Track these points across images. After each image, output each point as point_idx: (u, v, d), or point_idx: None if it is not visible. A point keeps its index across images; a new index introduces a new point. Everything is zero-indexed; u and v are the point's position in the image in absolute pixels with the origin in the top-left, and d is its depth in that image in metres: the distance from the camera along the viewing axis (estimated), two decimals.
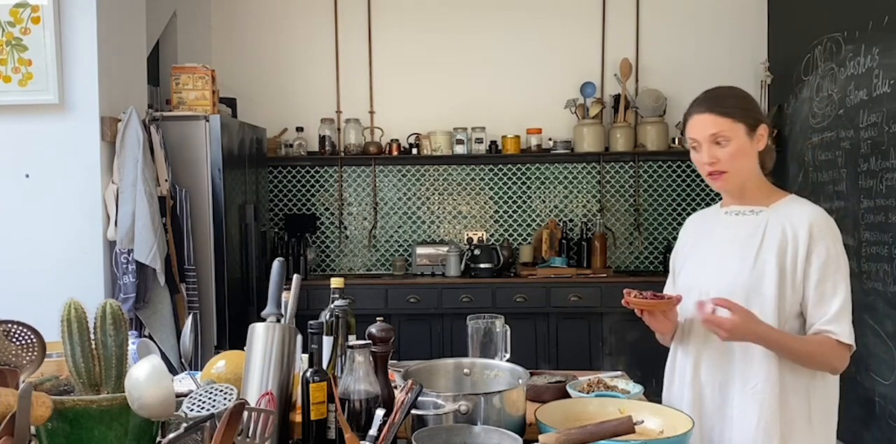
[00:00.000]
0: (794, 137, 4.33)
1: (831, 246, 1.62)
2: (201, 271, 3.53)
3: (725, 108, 1.67)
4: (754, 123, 1.67)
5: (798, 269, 1.63)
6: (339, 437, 1.45)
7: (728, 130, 1.65)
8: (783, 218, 1.67)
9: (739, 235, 1.71)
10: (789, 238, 1.64)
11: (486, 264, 4.47)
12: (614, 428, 1.28)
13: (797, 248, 1.63)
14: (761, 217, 1.70)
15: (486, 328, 1.99)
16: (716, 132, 1.65)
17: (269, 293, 1.57)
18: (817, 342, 1.62)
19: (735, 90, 1.76)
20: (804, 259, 1.63)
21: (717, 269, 1.72)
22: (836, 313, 1.61)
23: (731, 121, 1.65)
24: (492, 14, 4.81)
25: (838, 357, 1.62)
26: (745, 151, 1.67)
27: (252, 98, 4.76)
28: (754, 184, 1.73)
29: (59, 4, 3.14)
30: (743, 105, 1.69)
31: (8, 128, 3.19)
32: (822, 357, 1.63)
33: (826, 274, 1.62)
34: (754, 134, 1.67)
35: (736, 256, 1.70)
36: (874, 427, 3.44)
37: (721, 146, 1.66)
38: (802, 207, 1.69)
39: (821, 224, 1.64)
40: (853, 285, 3.70)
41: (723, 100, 1.70)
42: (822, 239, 1.62)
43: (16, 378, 1.42)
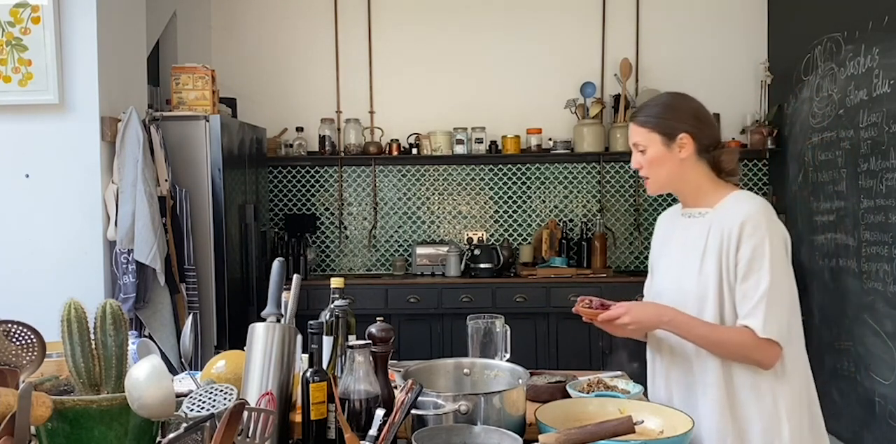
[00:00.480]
0: (794, 137, 4.33)
1: (759, 243, 1.61)
2: (201, 271, 3.53)
3: (643, 117, 1.73)
4: (671, 133, 1.70)
5: (731, 271, 1.65)
6: (339, 437, 1.45)
7: (643, 139, 1.72)
8: (723, 218, 1.68)
9: (690, 239, 1.74)
10: (725, 239, 1.65)
11: (486, 264, 4.47)
12: (614, 428, 1.28)
13: (730, 248, 1.64)
14: (706, 219, 1.72)
15: (486, 328, 1.99)
16: (636, 142, 1.74)
17: (269, 293, 1.57)
18: (731, 332, 1.63)
19: (663, 98, 1.81)
20: (734, 259, 1.64)
21: (675, 275, 1.76)
22: (752, 307, 1.61)
23: (647, 131, 1.72)
24: (492, 14, 4.81)
25: (758, 351, 1.60)
26: (663, 160, 1.71)
27: (252, 98, 4.76)
28: (692, 188, 1.75)
29: (59, 4, 3.14)
30: (661, 115, 1.72)
31: (8, 128, 3.19)
32: (736, 348, 1.62)
33: (751, 270, 1.62)
34: (672, 143, 1.70)
35: (687, 261, 1.73)
36: (874, 427, 3.44)
37: (642, 153, 1.73)
38: (740, 206, 1.68)
39: (753, 221, 1.62)
40: (853, 284, 3.71)
41: (644, 110, 1.75)
42: (751, 236, 1.62)
43: (16, 378, 1.42)
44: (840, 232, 3.75)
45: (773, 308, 1.59)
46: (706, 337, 1.64)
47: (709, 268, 1.67)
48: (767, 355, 1.61)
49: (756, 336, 1.60)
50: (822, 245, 3.97)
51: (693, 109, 1.75)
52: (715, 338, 1.64)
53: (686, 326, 1.65)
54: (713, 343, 1.64)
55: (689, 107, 1.75)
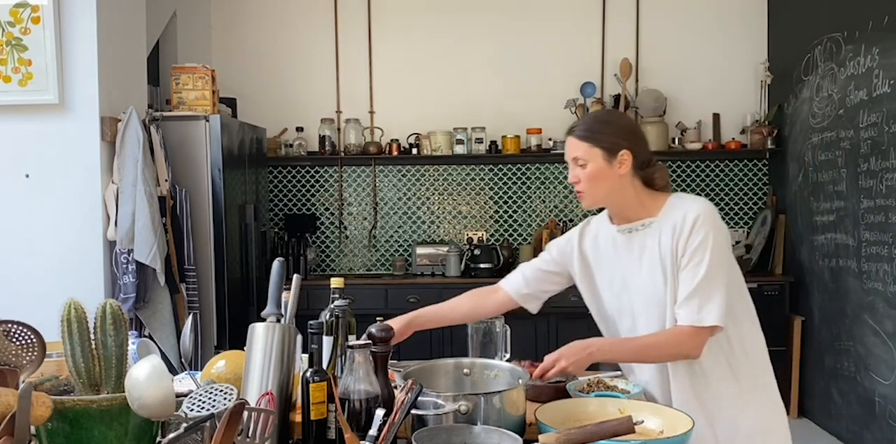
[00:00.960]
0: (794, 137, 4.33)
1: (705, 237, 1.65)
2: (201, 271, 3.53)
3: (586, 132, 1.73)
4: (613, 149, 1.71)
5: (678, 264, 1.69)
6: (339, 437, 1.45)
7: (585, 154, 1.71)
8: (671, 219, 1.71)
9: (642, 252, 1.75)
10: (676, 235, 1.69)
11: (486, 264, 4.47)
12: (614, 428, 1.28)
13: (679, 241, 1.68)
14: (653, 228, 1.74)
15: (486, 328, 1.99)
16: (576, 156, 1.73)
17: (269, 293, 1.57)
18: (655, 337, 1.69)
19: (607, 114, 1.85)
20: (682, 250, 1.68)
21: (642, 292, 1.76)
22: (686, 298, 1.65)
23: (589, 146, 1.71)
24: (492, 14, 4.81)
25: (681, 343, 1.65)
26: (603, 175, 1.71)
27: (252, 98, 4.76)
28: (630, 203, 1.76)
29: (59, 4, 3.14)
30: (604, 130, 1.72)
31: (8, 128, 3.19)
32: (666, 350, 1.67)
33: (690, 262, 1.66)
34: (614, 159, 1.71)
35: (647, 274, 1.74)
36: (874, 427, 3.44)
37: (581, 168, 1.73)
38: (686, 205, 1.71)
39: (702, 217, 1.66)
40: (853, 284, 3.72)
41: (586, 124, 1.75)
42: (699, 230, 1.66)
43: (16, 378, 1.42)
44: (840, 232, 3.75)
45: (709, 296, 1.63)
46: (634, 352, 1.71)
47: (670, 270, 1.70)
48: (693, 345, 1.65)
49: (678, 330, 1.65)
50: (822, 245, 3.97)
51: (631, 126, 1.80)
52: (643, 350, 1.70)
53: (614, 350, 1.72)
54: (644, 355, 1.71)
55: (627, 124, 1.79)
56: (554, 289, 1.99)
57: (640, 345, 1.70)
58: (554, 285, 1.98)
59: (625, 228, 1.79)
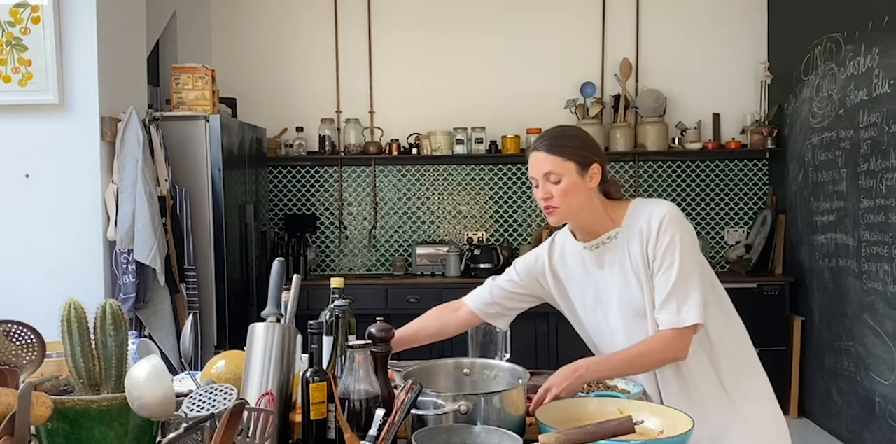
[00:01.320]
0: (794, 137, 4.33)
1: (672, 238, 1.66)
2: (201, 271, 3.53)
3: (557, 147, 1.71)
4: (585, 162, 1.70)
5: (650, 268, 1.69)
6: (339, 437, 1.45)
7: (559, 168, 1.69)
8: (636, 231, 1.71)
9: (612, 265, 1.75)
10: (644, 239, 1.69)
11: (486, 264, 4.48)
12: (614, 428, 1.28)
13: (647, 244, 1.69)
14: (620, 239, 1.74)
15: (486, 328, 1.99)
16: (549, 170, 1.71)
17: (269, 293, 1.57)
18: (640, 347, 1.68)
19: (571, 129, 1.82)
20: (652, 253, 1.68)
21: (614, 304, 1.76)
22: (664, 301, 1.65)
23: (562, 160, 1.69)
24: (492, 14, 4.81)
25: (671, 346, 1.65)
26: (577, 189, 1.70)
27: (252, 98, 4.76)
28: (594, 216, 1.75)
29: (59, 4, 3.14)
30: (575, 145, 1.72)
31: (8, 128, 3.19)
32: (652, 358, 1.68)
33: (661, 265, 1.66)
34: (586, 173, 1.70)
35: (622, 286, 1.74)
36: (874, 427, 3.44)
37: (554, 184, 1.71)
38: (648, 208, 1.72)
39: (667, 218, 1.67)
40: (853, 284, 3.72)
41: (556, 139, 1.73)
42: (665, 231, 1.66)
43: (16, 378, 1.42)
44: (840, 232, 3.75)
45: (686, 295, 1.64)
46: (623, 365, 1.70)
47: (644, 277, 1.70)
48: (680, 347, 1.66)
49: (661, 335, 1.65)
50: (822, 245, 3.97)
51: (594, 140, 1.79)
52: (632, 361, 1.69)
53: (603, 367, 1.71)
54: (634, 365, 1.70)
55: (591, 139, 1.79)
56: (522, 306, 1.95)
57: (627, 357, 1.70)
58: (522, 302, 1.94)
59: (591, 244, 1.77)
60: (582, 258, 1.81)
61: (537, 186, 1.75)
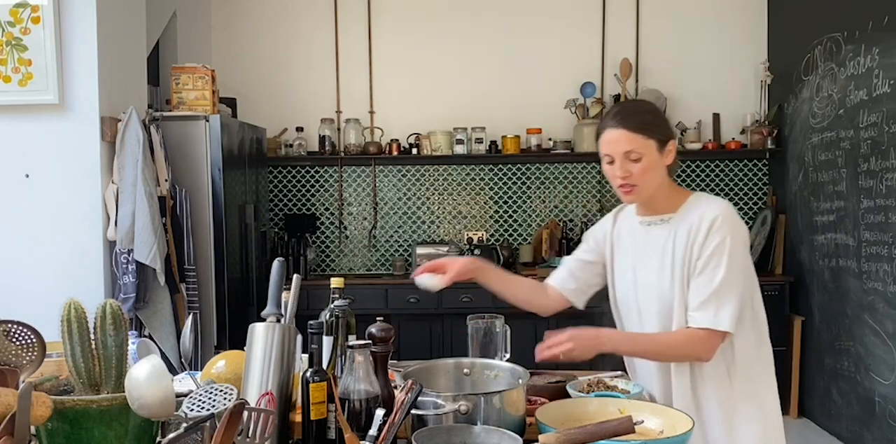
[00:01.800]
0: (794, 137, 4.33)
1: (722, 240, 1.64)
2: (201, 271, 3.52)
3: (639, 124, 1.68)
4: (665, 139, 1.70)
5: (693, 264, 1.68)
6: (339, 437, 1.45)
7: (641, 146, 1.67)
8: (688, 221, 1.70)
9: (656, 248, 1.75)
10: (692, 236, 1.68)
11: None
12: (614, 428, 1.28)
13: (694, 243, 1.67)
14: (671, 224, 1.74)
15: (486, 328, 1.99)
16: (630, 149, 1.67)
17: (269, 293, 1.57)
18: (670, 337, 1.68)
19: (647, 105, 1.80)
20: (697, 253, 1.66)
21: (647, 286, 1.77)
22: (703, 301, 1.63)
23: (644, 138, 1.67)
24: (492, 14, 4.81)
25: (694, 346, 1.64)
26: (656, 167, 1.70)
27: (252, 98, 4.76)
28: (663, 194, 1.76)
29: (59, 4, 3.14)
30: (655, 121, 1.71)
31: (8, 128, 3.19)
32: (679, 350, 1.67)
33: (707, 265, 1.64)
34: (664, 149, 1.70)
35: (657, 270, 1.74)
36: (874, 427, 3.44)
37: (634, 162, 1.68)
38: (706, 206, 1.70)
39: (718, 219, 1.65)
40: (853, 284, 3.71)
41: (637, 116, 1.71)
42: (716, 233, 1.64)
43: (16, 378, 1.42)
44: (840, 232, 3.75)
45: (724, 301, 1.62)
46: (646, 349, 1.70)
47: (679, 273, 1.69)
48: (707, 348, 1.65)
49: (692, 332, 1.64)
50: (822, 245, 3.97)
51: (665, 116, 1.79)
52: (656, 348, 1.69)
53: (626, 344, 1.72)
54: (656, 353, 1.70)
55: (664, 114, 1.79)
56: (598, 281, 1.94)
57: (653, 342, 1.69)
58: (597, 277, 1.93)
59: (646, 220, 1.79)
60: (633, 233, 1.82)
61: (611, 162, 1.72)
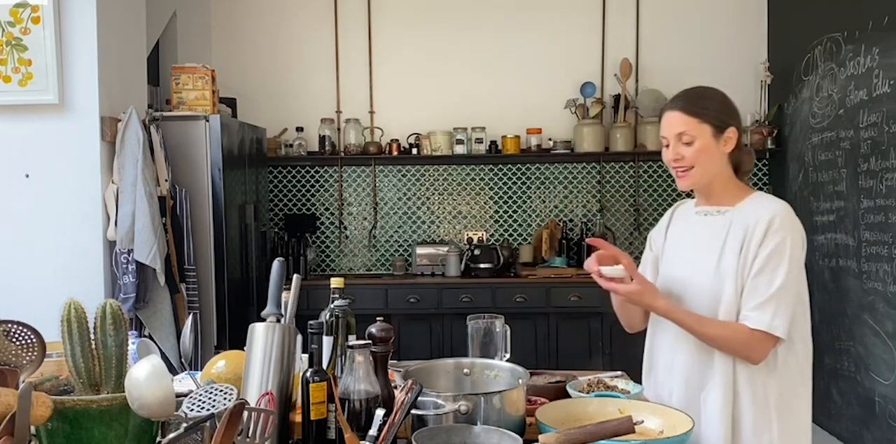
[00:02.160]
0: (794, 137, 4.33)
1: (782, 241, 1.62)
2: (201, 271, 3.53)
3: (695, 107, 1.69)
4: (722, 126, 1.69)
5: (748, 264, 1.65)
6: (339, 437, 1.45)
7: (694, 129, 1.68)
8: (746, 217, 1.69)
9: (705, 237, 1.74)
10: (748, 235, 1.66)
11: (486, 264, 4.47)
12: (614, 428, 1.28)
13: (750, 244, 1.65)
14: (726, 217, 1.72)
15: (486, 328, 1.99)
16: (682, 131, 1.69)
17: (269, 293, 1.57)
18: (724, 327, 1.64)
19: (711, 91, 1.78)
20: (755, 253, 1.64)
21: (688, 272, 1.76)
22: (761, 303, 1.62)
23: (698, 121, 1.68)
24: (492, 14, 4.81)
25: (749, 346, 1.62)
26: (710, 151, 1.69)
27: (252, 98, 4.76)
28: (721, 184, 1.74)
29: (59, 4, 3.14)
30: (713, 107, 1.70)
31: (8, 128, 3.19)
32: (729, 343, 1.64)
33: (767, 266, 1.63)
34: (721, 136, 1.69)
35: (702, 259, 1.73)
36: (874, 427, 3.44)
37: (686, 145, 1.69)
38: (766, 204, 1.69)
39: (779, 219, 1.64)
40: (853, 284, 3.71)
41: (695, 100, 1.72)
42: (776, 233, 1.63)
43: (16, 378, 1.42)
44: (840, 232, 3.75)
45: (782, 306, 1.61)
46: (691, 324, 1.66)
47: (727, 265, 1.67)
48: (759, 350, 1.63)
49: (749, 332, 1.61)
50: (822, 245, 3.97)
51: (732, 103, 1.75)
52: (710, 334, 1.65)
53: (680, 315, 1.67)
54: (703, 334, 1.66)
55: (730, 101, 1.75)
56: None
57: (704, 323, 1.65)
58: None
59: (703, 209, 1.79)
60: (688, 220, 1.83)
61: (667, 145, 1.73)
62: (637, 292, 1.66)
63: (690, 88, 1.77)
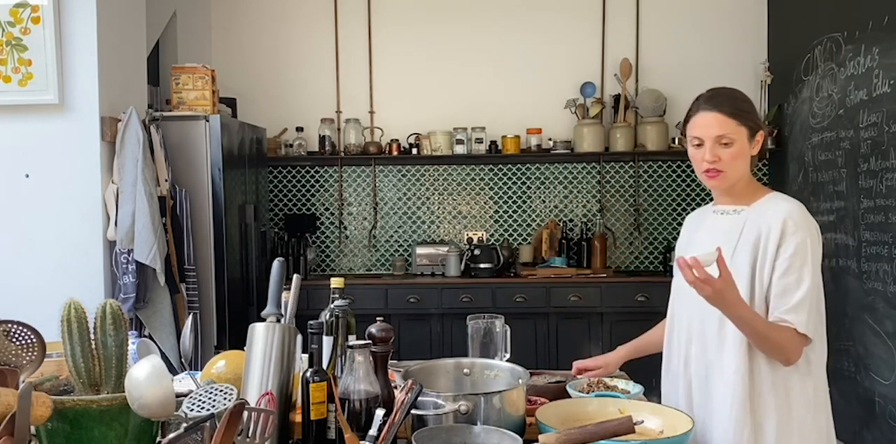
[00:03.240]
0: (794, 137, 4.33)
1: (802, 241, 1.63)
2: (201, 271, 3.53)
3: (734, 110, 1.70)
4: (756, 128, 1.72)
5: (766, 265, 1.65)
6: (339, 437, 1.45)
7: (734, 132, 1.69)
8: (761, 216, 1.69)
9: (719, 234, 1.75)
10: (762, 235, 1.66)
11: (486, 264, 4.47)
12: (614, 428, 1.28)
13: (767, 244, 1.65)
14: (742, 216, 1.73)
15: (486, 328, 1.99)
16: (723, 133, 1.68)
17: (269, 293, 1.57)
18: (776, 328, 1.63)
19: (740, 93, 1.79)
20: (773, 253, 1.64)
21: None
22: (796, 304, 1.62)
23: (737, 123, 1.69)
24: (492, 14, 4.81)
25: (792, 348, 1.64)
26: (745, 155, 1.70)
27: (252, 98, 4.76)
28: (744, 184, 1.76)
29: (59, 4, 3.14)
30: (749, 109, 1.73)
31: (8, 128, 3.19)
32: (778, 343, 1.63)
33: (792, 266, 1.63)
34: (753, 139, 1.71)
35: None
36: (874, 427, 3.44)
37: (725, 147, 1.69)
38: (780, 204, 1.70)
39: (795, 219, 1.64)
40: (853, 284, 3.72)
41: (732, 101, 1.73)
42: (794, 233, 1.63)
43: (16, 378, 1.42)
44: (840, 232, 3.75)
45: (813, 307, 1.63)
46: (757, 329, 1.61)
47: (740, 262, 1.67)
48: (798, 351, 1.65)
49: (794, 332, 1.62)
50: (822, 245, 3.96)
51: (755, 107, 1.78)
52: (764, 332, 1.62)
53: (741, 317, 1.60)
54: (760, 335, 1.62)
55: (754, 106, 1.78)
56: None
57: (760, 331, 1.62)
58: None
59: (720, 209, 1.79)
60: (705, 219, 1.84)
61: (699, 145, 1.71)
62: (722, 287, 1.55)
63: (720, 89, 1.78)
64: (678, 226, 4.77)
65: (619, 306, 4.24)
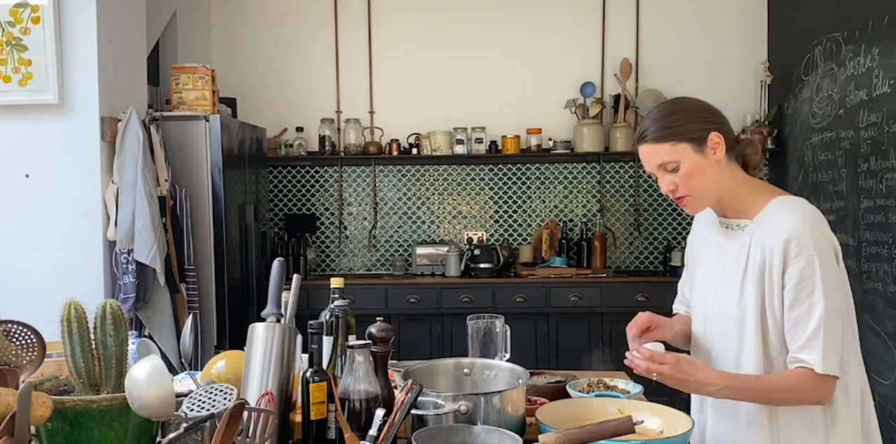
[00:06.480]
0: (794, 137, 4.33)
1: (807, 264, 1.46)
2: (201, 271, 3.53)
3: (661, 131, 1.53)
4: (700, 136, 1.52)
5: (776, 297, 1.51)
6: (339, 437, 1.45)
7: (670, 154, 1.52)
8: (763, 235, 1.53)
9: (729, 255, 1.61)
10: (767, 258, 1.51)
11: (486, 264, 4.47)
12: (614, 428, 1.28)
13: (772, 268, 1.50)
14: (745, 233, 1.58)
15: (486, 328, 1.99)
16: (661, 162, 1.53)
17: (269, 293, 1.57)
18: (786, 379, 1.49)
19: (674, 105, 1.61)
20: (779, 282, 1.50)
21: (716, 296, 1.63)
22: (807, 339, 1.46)
23: (671, 144, 1.52)
24: (492, 14, 4.81)
25: (816, 390, 1.47)
26: (701, 168, 1.52)
27: (252, 98, 4.76)
28: (730, 195, 1.59)
29: (59, 4, 3.14)
30: (679, 121, 1.53)
31: (8, 128, 3.19)
32: (795, 394, 1.49)
33: (799, 296, 1.47)
34: (704, 146, 1.52)
35: (726, 280, 1.61)
36: None
37: (673, 173, 1.53)
38: (781, 219, 1.52)
39: (798, 239, 1.47)
40: (853, 284, 3.69)
41: (656, 123, 1.55)
42: (797, 257, 1.47)
43: (16, 378, 1.42)
44: (840, 232, 3.75)
45: (829, 340, 1.46)
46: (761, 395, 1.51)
47: (749, 290, 1.54)
48: (825, 392, 1.48)
49: (813, 375, 1.46)
50: None
51: (703, 105, 1.59)
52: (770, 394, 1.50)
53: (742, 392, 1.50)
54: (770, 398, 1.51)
55: (698, 105, 1.58)
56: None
57: (771, 387, 1.50)
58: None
59: (724, 222, 1.63)
60: (714, 233, 1.68)
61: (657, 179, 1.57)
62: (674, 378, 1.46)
63: (651, 112, 1.61)
64: (678, 226, 4.77)
65: (619, 306, 4.24)
